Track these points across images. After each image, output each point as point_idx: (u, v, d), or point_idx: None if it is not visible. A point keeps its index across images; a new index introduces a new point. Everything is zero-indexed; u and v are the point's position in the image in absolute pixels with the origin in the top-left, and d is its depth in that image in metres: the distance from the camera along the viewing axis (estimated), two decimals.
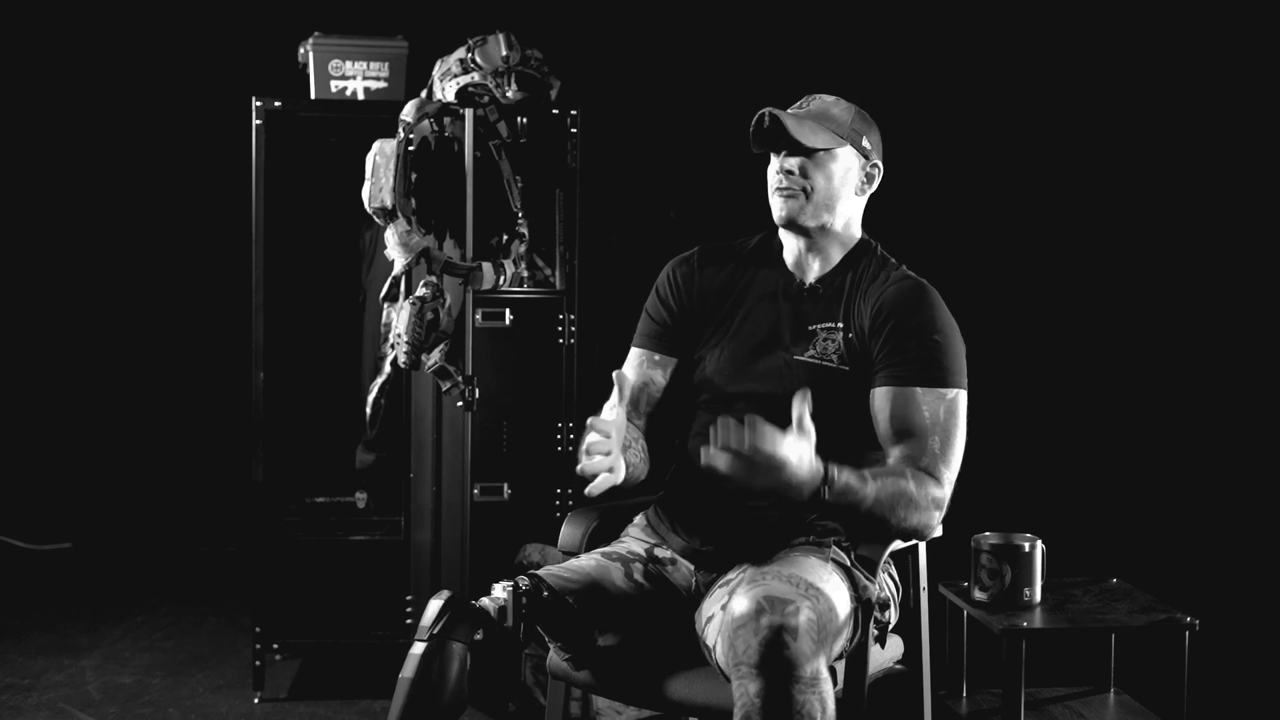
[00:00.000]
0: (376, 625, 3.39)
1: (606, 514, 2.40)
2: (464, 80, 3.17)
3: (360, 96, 3.37)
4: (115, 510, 4.99)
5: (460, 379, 3.06)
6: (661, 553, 2.29)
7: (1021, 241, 4.66)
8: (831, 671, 2.02)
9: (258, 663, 3.32)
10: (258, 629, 3.31)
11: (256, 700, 3.32)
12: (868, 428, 2.17)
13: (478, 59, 3.17)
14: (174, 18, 4.75)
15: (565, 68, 3.36)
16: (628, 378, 1.99)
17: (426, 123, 3.17)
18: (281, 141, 3.28)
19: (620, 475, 2.03)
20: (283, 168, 3.29)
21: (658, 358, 2.34)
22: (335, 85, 3.36)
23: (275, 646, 3.34)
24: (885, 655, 2.26)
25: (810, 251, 2.28)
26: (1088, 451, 4.66)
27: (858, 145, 2.25)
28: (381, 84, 3.38)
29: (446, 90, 3.20)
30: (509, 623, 2.06)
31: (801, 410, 1.90)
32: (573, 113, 3.32)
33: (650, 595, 2.22)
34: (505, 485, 3.31)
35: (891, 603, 2.24)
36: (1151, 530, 4.51)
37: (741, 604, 1.94)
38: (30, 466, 5.04)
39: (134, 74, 4.82)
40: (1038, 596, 2.79)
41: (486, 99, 3.19)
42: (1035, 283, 4.68)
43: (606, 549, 2.31)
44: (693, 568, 2.25)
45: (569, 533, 2.37)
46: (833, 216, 2.25)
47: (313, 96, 3.37)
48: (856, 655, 2.12)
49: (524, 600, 2.07)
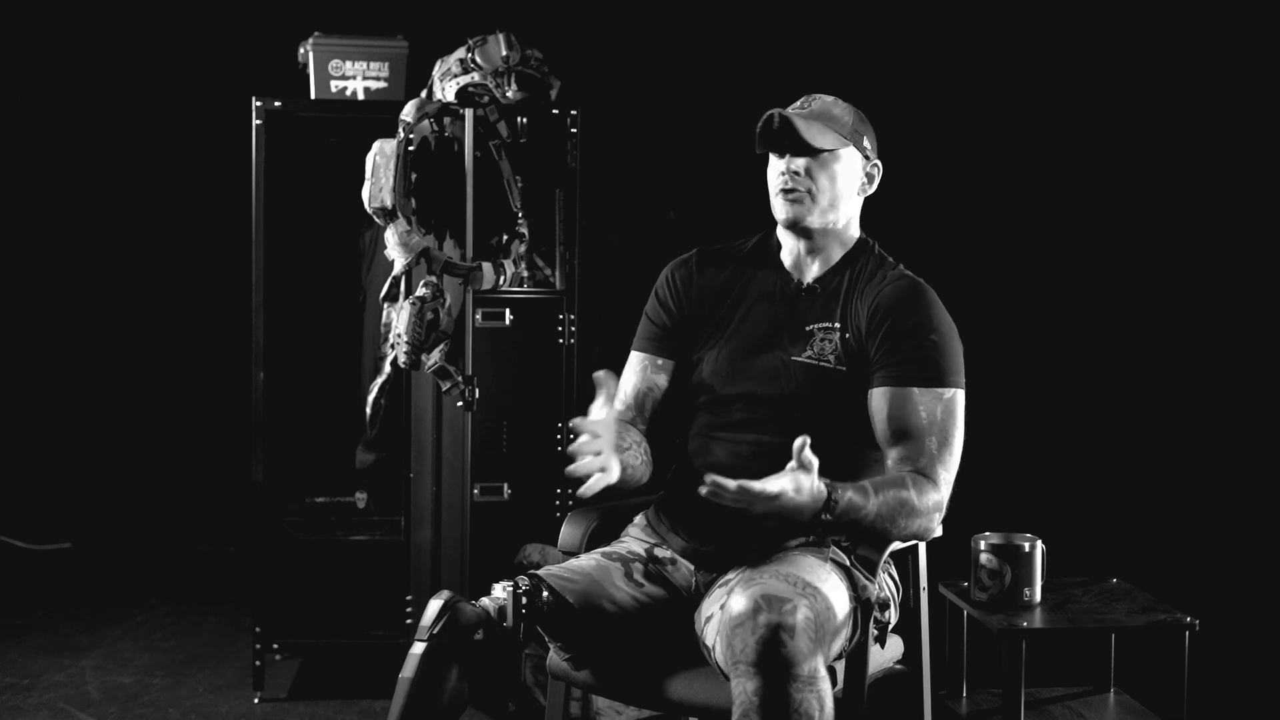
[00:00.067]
0: (376, 625, 3.39)
1: (606, 514, 2.41)
2: (464, 80, 3.17)
3: (360, 96, 3.37)
4: (115, 510, 4.99)
5: (460, 379, 3.06)
6: (661, 553, 2.29)
7: (1020, 241, 4.65)
8: (831, 671, 2.02)
9: (258, 663, 3.32)
10: (258, 629, 3.31)
11: (256, 700, 3.32)
12: (865, 428, 2.17)
13: (478, 59, 3.17)
14: (174, 18, 4.75)
15: (565, 68, 3.36)
16: (607, 380, 1.98)
17: (426, 123, 3.17)
18: (281, 141, 3.28)
19: (615, 474, 2.03)
20: (283, 168, 3.29)
21: (660, 362, 2.33)
22: (335, 85, 3.36)
23: (275, 646, 3.34)
24: (885, 655, 2.26)
25: (810, 252, 2.28)
26: (1087, 451, 4.65)
27: (859, 145, 2.25)
28: (381, 84, 3.37)
29: (446, 90, 3.20)
30: (509, 623, 2.07)
31: (802, 449, 1.91)
32: (573, 113, 3.32)
33: (650, 595, 2.22)
34: (505, 485, 3.31)
35: (891, 603, 2.24)
36: (1151, 530, 4.51)
37: (739, 603, 1.94)
38: (30, 466, 5.03)
39: (134, 74, 4.82)
40: (1038, 596, 2.79)
41: (486, 99, 3.19)
42: (1034, 282, 4.67)
43: (606, 549, 2.31)
44: (693, 568, 2.25)
45: (569, 533, 2.38)
46: (836, 217, 2.25)
47: (313, 96, 3.37)
48: (856, 655, 2.12)
49: (524, 600, 2.07)
